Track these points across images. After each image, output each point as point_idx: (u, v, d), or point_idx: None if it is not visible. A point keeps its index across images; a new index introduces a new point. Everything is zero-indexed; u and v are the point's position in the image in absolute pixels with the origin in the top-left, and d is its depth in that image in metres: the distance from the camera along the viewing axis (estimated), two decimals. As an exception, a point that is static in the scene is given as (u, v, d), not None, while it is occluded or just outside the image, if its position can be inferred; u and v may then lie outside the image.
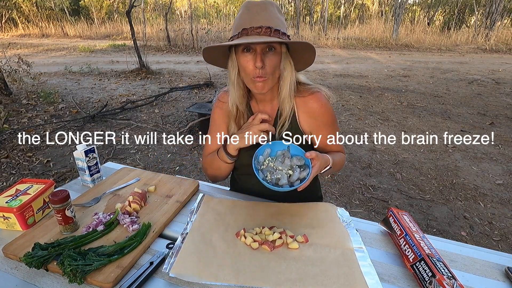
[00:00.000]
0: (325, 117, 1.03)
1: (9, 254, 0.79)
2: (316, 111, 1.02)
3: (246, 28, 0.86)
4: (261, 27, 0.85)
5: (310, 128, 1.04)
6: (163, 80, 6.41)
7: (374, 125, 3.99)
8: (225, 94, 1.07)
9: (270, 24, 0.86)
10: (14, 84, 5.15)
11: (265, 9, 0.87)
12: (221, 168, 1.06)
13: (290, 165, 0.90)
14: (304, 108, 1.02)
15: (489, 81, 6.43)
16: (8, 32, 16.07)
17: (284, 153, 0.93)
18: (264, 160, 0.93)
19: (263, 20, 0.86)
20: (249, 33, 0.86)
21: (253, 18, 0.87)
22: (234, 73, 0.96)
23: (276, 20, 0.88)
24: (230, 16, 17.20)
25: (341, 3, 17.01)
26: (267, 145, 0.93)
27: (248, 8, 0.89)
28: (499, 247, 1.97)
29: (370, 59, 9.28)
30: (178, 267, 0.73)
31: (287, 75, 0.94)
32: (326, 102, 1.03)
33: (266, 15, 0.87)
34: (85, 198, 1.03)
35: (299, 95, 1.02)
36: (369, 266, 0.76)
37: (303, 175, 0.88)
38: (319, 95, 1.02)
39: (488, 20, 12.67)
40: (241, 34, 0.87)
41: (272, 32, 0.85)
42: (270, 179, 0.87)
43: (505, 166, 2.98)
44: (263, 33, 0.85)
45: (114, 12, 17.56)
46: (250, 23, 0.86)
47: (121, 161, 3.00)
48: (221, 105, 1.08)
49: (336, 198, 2.46)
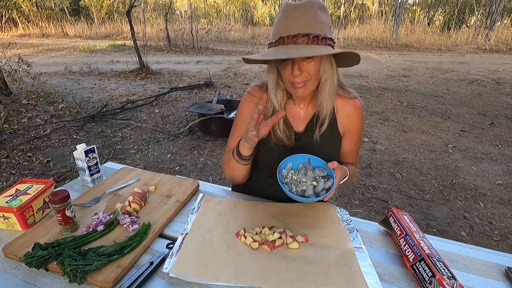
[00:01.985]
0: (358, 124, 1.05)
1: (9, 254, 0.78)
2: (353, 116, 1.03)
3: (283, 37, 0.82)
4: (298, 35, 0.81)
5: (344, 132, 1.05)
6: (163, 80, 6.41)
7: (374, 125, 3.99)
8: (258, 89, 1.06)
9: (308, 30, 0.81)
10: (14, 84, 5.15)
11: (304, 13, 0.82)
12: (235, 169, 1.01)
13: (313, 177, 0.92)
14: (343, 110, 1.03)
15: (489, 81, 6.43)
16: (8, 32, 16.08)
17: (306, 165, 0.94)
18: (287, 174, 0.94)
19: (300, 26, 0.81)
20: (286, 42, 0.82)
21: (290, 26, 0.82)
22: (273, 78, 0.96)
23: (317, 23, 0.82)
24: (230, 16, 17.22)
25: (341, 3, 17.02)
26: (288, 159, 0.94)
27: (286, 13, 0.84)
28: (499, 247, 1.97)
29: (370, 59, 9.28)
30: (178, 267, 0.73)
31: (327, 78, 0.92)
32: (362, 111, 1.05)
33: (304, 20, 0.81)
34: (85, 198, 1.03)
35: (341, 96, 1.01)
36: (369, 266, 0.76)
37: (327, 185, 0.89)
38: (358, 102, 1.03)
39: (488, 20, 12.68)
40: (278, 43, 0.84)
41: (310, 40, 0.81)
42: (295, 191, 0.89)
43: (505, 166, 2.98)
44: (300, 41, 0.81)
45: (114, 12, 17.56)
46: (287, 31, 0.82)
47: (121, 161, 3.00)
48: (253, 99, 1.05)
49: (336, 198, 2.46)
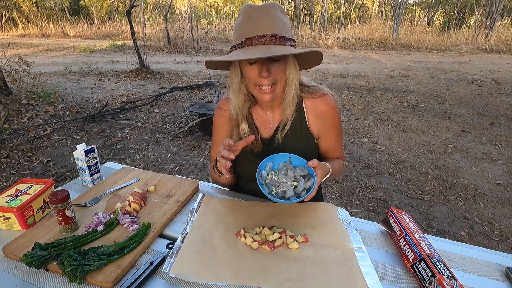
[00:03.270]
0: (334, 120, 1.03)
1: (9, 254, 0.78)
2: (326, 113, 1.01)
3: (250, 38, 0.82)
4: (265, 35, 0.81)
5: (319, 131, 1.04)
6: (163, 80, 6.41)
7: (374, 125, 3.99)
8: (225, 102, 1.06)
9: (274, 31, 0.82)
10: (14, 84, 5.14)
11: (268, 14, 0.82)
12: (219, 180, 1.09)
13: (294, 177, 0.90)
14: (313, 110, 1.01)
15: (489, 81, 6.43)
16: (8, 32, 16.07)
17: (286, 165, 0.93)
18: (267, 175, 0.93)
19: (266, 27, 0.82)
20: (253, 42, 0.82)
21: (256, 26, 0.82)
22: (237, 80, 0.94)
23: (281, 24, 0.84)
24: (230, 16, 17.21)
25: (341, 3, 17.01)
26: (268, 158, 0.92)
27: (249, 14, 0.84)
28: (499, 247, 1.97)
29: (370, 59, 9.28)
30: (178, 267, 0.73)
31: (292, 81, 0.92)
32: (335, 105, 1.02)
33: (269, 21, 0.82)
34: (85, 198, 1.03)
35: (308, 97, 1.00)
36: (369, 266, 0.76)
37: (308, 185, 0.88)
38: (329, 98, 1.01)
39: (488, 20, 12.67)
40: (244, 44, 0.83)
41: (277, 40, 0.82)
42: (276, 193, 0.88)
43: (505, 166, 2.98)
44: (267, 42, 0.81)
45: (114, 12, 17.56)
46: (254, 32, 0.82)
47: (121, 161, 3.00)
48: (222, 112, 1.07)
49: (336, 198, 2.46)
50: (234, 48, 0.87)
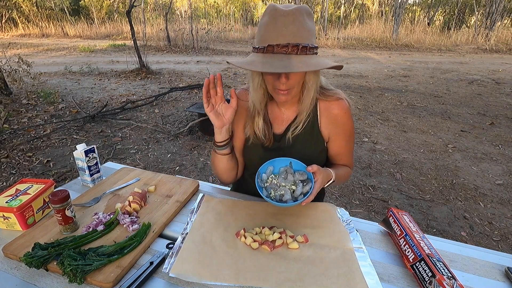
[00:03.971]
0: (346, 126, 1.04)
1: (9, 254, 0.78)
2: (339, 118, 1.02)
3: (272, 45, 0.82)
4: (288, 45, 0.80)
5: (329, 134, 1.04)
6: (163, 80, 6.41)
7: (374, 125, 3.99)
8: (245, 92, 1.08)
9: (297, 40, 0.81)
10: (14, 84, 5.14)
11: (293, 21, 0.81)
12: (215, 162, 1.06)
13: (293, 181, 0.91)
14: (326, 113, 1.02)
15: (489, 81, 6.43)
16: (8, 32, 16.06)
17: (287, 169, 0.94)
18: (267, 178, 0.94)
19: (290, 35, 0.80)
20: (275, 50, 0.82)
21: (280, 33, 0.81)
22: (258, 79, 0.96)
23: (305, 32, 0.82)
24: (230, 16, 17.21)
25: (341, 3, 17.01)
26: (269, 162, 0.94)
27: (275, 19, 0.82)
28: (499, 247, 1.97)
29: (370, 59, 9.28)
30: (178, 267, 0.73)
31: (311, 86, 0.93)
32: (349, 111, 1.03)
33: (294, 29, 0.81)
34: (85, 198, 1.03)
35: (323, 99, 1.01)
36: (369, 266, 0.76)
37: (306, 189, 0.89)
38: (343, 103, 1.01)
39: (488, 20, 12.68)
40: (266, 50, 0.83)
41: (300, 50, 0.81)
42: (274, 196, 0.89)
43: (505, 166, 2.98)
44: (289, 51, 0.81)
45: (114, 12, 17.56)
46: (277, 39, 0.81)
47: (121, 161, 3.00)
48: (240, 102, 1.07)
49: (336, 198, 2.46)
50: (256, 50, 0.87)
